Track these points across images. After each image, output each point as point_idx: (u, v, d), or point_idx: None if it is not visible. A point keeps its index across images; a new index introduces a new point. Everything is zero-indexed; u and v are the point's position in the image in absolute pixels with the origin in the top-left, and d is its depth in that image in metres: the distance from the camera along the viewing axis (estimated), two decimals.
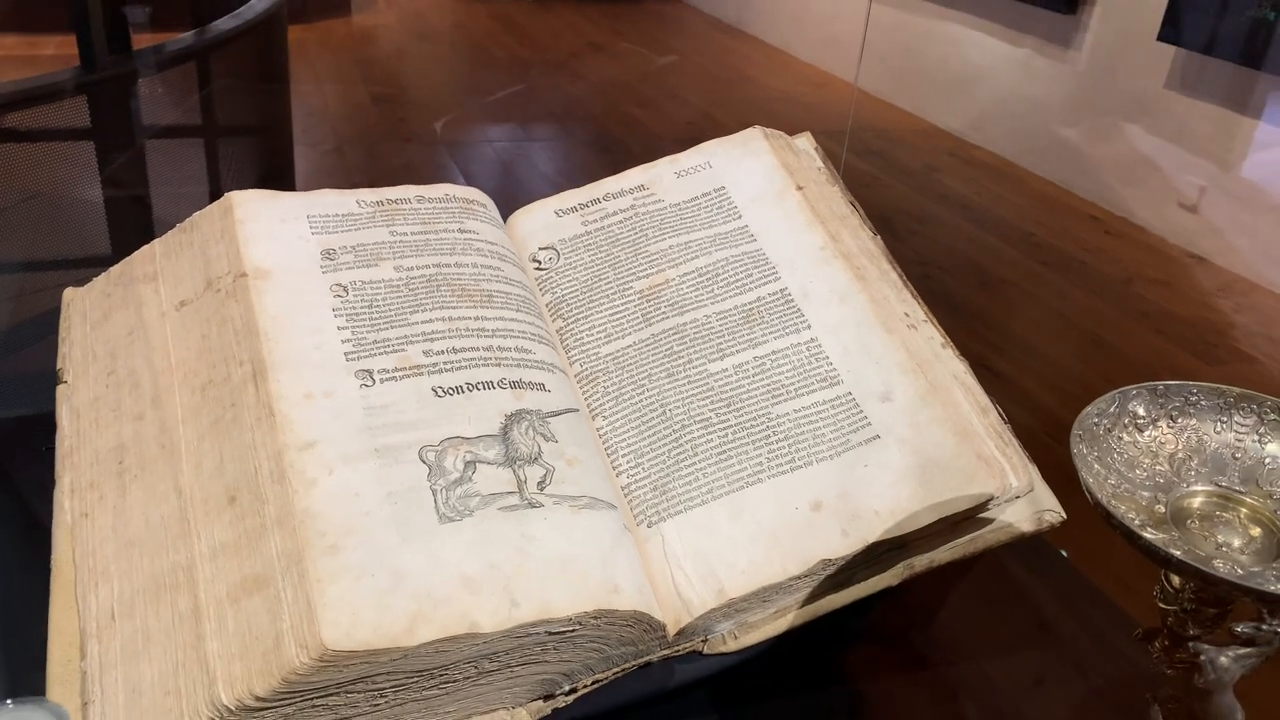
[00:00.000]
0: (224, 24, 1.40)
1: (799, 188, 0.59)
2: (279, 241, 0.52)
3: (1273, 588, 0.32)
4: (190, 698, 0.39)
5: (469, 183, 0.62)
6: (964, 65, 3.52)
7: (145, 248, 0.56)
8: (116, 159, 1.17)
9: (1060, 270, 2.53)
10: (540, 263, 0.59)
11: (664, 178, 0.62)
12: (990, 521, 0.50)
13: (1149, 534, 0.34)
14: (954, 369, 0.53)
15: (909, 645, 0.54)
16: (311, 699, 0.39)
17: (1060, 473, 0.51)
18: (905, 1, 3.81)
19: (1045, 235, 2.77)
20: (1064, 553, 0.62)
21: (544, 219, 0.61)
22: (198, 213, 0.55)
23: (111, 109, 1.13)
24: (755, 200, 0.59)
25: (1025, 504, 0.51)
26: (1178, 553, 0.33)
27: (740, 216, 0.59)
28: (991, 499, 0.48)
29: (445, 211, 0.57)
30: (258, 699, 0.38)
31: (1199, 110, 2.65)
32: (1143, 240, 2.73)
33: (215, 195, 0.57)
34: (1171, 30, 2.60)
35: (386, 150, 3.11)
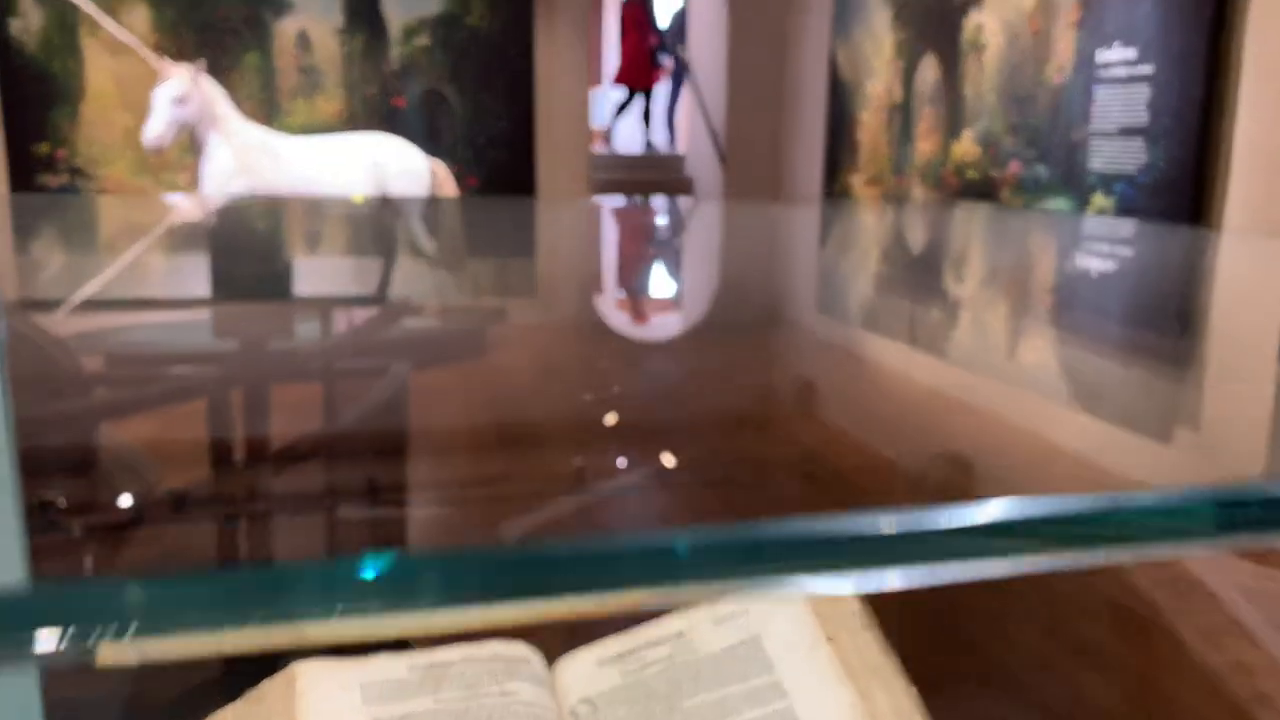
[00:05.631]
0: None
1: (829, 639, 0.61)
2: (333, 717, 0.56)
3: None
4: None
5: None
6: None
7: (219, 712, 0.61)
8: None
9: None
10: (579, 716, 0.61)
11: (701, 625, 0.65)
12: None
13: None
14: None
15: None
16: None
17: None
18: None
19: None
20: None
21: (586, 669, 0.64)
22: (266, 681, 0.60)
23: None
24: (787, 652, 0.61)
25: None
26: None
27: (773, 670, 0.60)
28: None
29: (489, 673, 0.61)
30: None
31: None
32: None
33: None
34: None
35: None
